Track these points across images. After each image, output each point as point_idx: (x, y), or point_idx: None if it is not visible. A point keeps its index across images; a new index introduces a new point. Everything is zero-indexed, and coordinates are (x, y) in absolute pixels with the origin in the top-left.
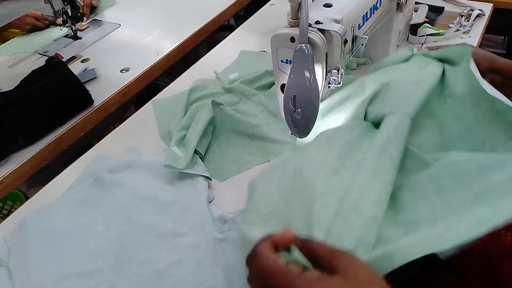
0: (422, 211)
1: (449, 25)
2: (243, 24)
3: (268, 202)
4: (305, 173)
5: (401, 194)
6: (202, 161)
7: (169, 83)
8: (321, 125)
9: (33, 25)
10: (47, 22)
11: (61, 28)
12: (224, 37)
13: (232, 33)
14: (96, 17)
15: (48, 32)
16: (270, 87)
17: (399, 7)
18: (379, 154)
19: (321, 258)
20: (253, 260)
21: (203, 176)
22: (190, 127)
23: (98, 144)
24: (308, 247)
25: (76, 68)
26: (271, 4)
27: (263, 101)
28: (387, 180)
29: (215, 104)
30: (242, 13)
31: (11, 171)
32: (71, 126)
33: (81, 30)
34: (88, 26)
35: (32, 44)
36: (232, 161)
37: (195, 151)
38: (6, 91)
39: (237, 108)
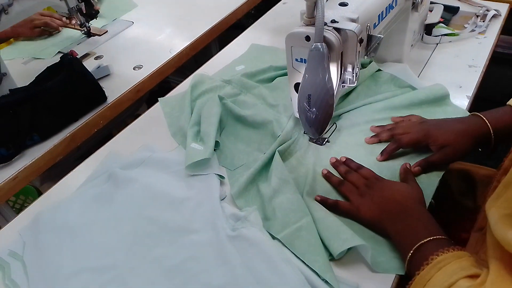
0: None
1: (464, 25)
2: (255, 22)
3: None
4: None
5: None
6: (214, 151)
7: (181, 81)
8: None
9: (45, 26)
10: (61, 22)
11: (82, 31)
12: (236, 36)
13: (244, 31)
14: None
15: (64, 34)
16: (272, 81)
17: (414, 6)
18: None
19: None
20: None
21: (216, 174)
22: (203, 121)
23: (111, 140)
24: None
25: (89, 65)
26: (283, 3)
27: (263, 94)
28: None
29: (220, 98)
30: (253, 11)
31: (25, 166)
32: (85, 122)
33: (99, 35)
34: (107, 31)
35: (49, 50)
36: (241, 150)
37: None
38: (21, 87)
39: (237, 99)
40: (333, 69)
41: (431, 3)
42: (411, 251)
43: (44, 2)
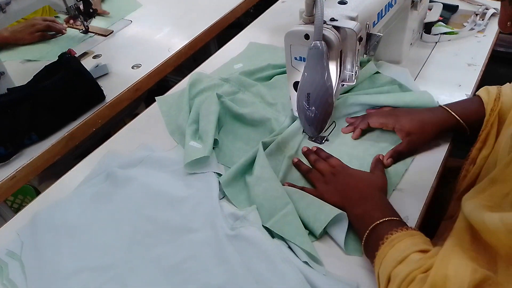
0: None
1: (464, 24)
2: (254, 21)
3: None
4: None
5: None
6: (213, 149)
7: (180, 80)
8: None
9: (48, 29)
10: (63, 26)
11: (80, 30)
12: (235, 35)
13: (243, 30)
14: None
15: (67, 36)
16: (270, 79)
17: (413, 5)
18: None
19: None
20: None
21: (215, 172)
22: (201, 120)
23: (110, 139)
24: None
25: (88, 64)
26: (282, 2)
27: (261, 92)
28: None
29: (218, 96)
30: (252, 10)
31: (23, 165)
32: (83, 122)
33: (105, 36)
34: (113, 31)
35: (55, 51)
36: (239, 148)
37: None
38: (19, 86)
39: (235, 97)
40: (332, 68)
41: (431, 1)
42: (367, 232)
43: (42, 1)
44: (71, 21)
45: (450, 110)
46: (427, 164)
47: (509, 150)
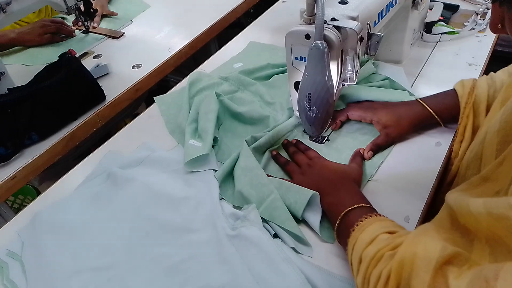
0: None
1: (464, 23)
2: (255, 21)
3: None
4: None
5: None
6: (212, 147)
7: (180, 80)
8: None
9: (57, 32)
10: (72, 28)
11: (80, 30)
12: (235, 35)
13: (243, 30)
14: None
15: (77, 38)
16: (269, 78)
17: (414, 4)
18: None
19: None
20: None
21: (215, 171)
22: (200, 118)
23: (110, 139)
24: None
25: (88, 64)
26: (283, 1)
27: (260, 91)
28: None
29: (217, 94)
30: (252, 10)
31: (24, 165)
32: (84, 122)
33: (117, 38)
34: (124, 33)
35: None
36: (238, 146)
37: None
38: (20, 86)
39: (234, 96)
40: (333, 68)
41: (431, 1)
42: (339, 218)
43: (43, 1)
44: (79, 23)
45: (424, 104)
46: (427, 164)
47: (496, 146)
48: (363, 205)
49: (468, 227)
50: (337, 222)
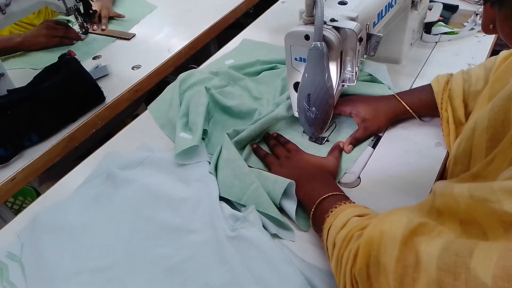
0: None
1: (464, 23)
2: (254, 22)
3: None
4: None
5: None
6: (202, 140)
7: None
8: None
9: (64, 36)
10: (78, 33)
11: (80, 31)
12: (235, 35)
13: (243, 31)
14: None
15: (86, 41)
16: (258, 74)
17: (413, 5)
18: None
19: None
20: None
21: (209, 163)
22: (191, 112)
23: (110, 140)
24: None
25: (88, 65)
26: (282, 2)
27: (249, 86)
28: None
29: (207, 89)
30: (252, 11)
31: (23, 167)
32: (83, 123)
33: (128, 39)
34: (135, 34)
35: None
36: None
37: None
38: (19, 87)
39: (224, 90)
40: (333, 68)
41: (431, 1)
42: (314, 206)
43: (42, 2)
44: (87, 26)
45: (400, 99)
46: (427, 164)
47: (486, 144)
48: (337, 193)
49: (441, 210)
50: (312, 210)
